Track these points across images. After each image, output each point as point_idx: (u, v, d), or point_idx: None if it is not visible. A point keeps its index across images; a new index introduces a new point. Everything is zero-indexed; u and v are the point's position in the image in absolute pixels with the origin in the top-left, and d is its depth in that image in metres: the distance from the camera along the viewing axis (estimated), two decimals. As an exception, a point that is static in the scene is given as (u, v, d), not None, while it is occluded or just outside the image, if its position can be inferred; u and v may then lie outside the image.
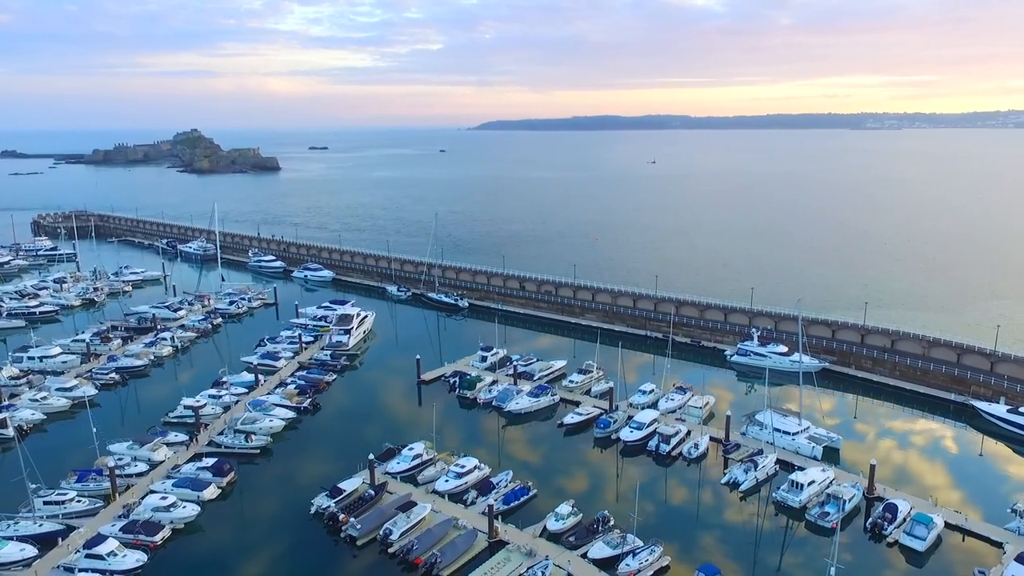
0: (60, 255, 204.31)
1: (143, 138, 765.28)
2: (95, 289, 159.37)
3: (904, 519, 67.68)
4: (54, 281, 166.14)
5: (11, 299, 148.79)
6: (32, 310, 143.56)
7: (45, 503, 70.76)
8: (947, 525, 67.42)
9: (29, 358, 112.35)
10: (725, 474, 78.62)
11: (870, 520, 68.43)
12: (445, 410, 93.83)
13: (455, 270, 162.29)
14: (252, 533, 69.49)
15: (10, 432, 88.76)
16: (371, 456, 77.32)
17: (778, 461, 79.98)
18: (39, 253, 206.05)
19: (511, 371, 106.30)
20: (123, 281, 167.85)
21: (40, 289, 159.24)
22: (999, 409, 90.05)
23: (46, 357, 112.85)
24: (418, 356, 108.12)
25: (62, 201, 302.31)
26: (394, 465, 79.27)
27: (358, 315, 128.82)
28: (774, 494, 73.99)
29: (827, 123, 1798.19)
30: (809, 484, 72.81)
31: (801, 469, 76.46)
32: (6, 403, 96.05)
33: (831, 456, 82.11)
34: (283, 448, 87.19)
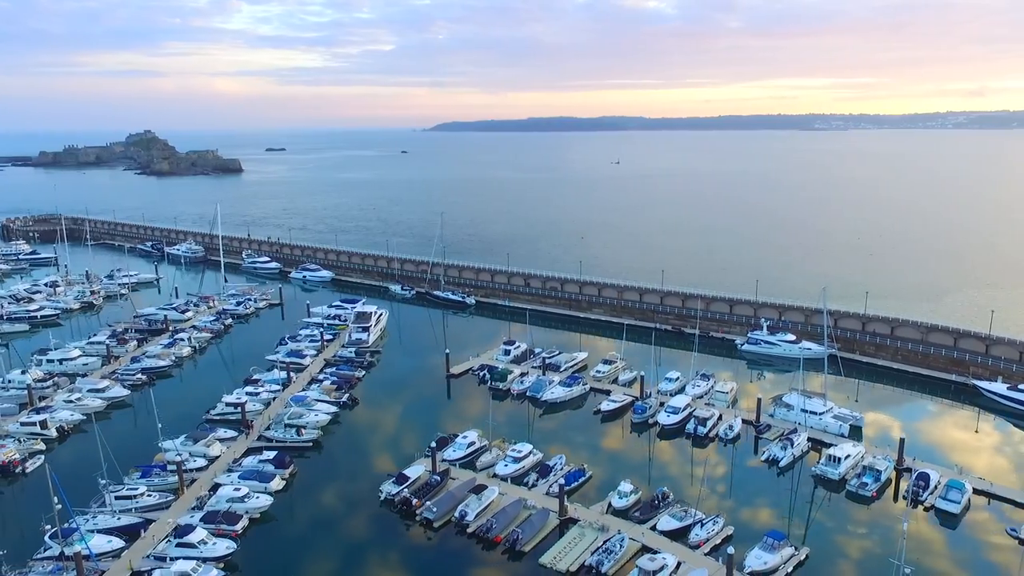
0: (42, 259, 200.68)
1: (87, 140, 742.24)
2: (92, 292, 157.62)
3: (936, 486, 73.71)
4: (46, 285, 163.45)
5: (9, 303, 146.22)
6: (33, 314, 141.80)
7: (117, 498, 71.86)
8: (975, 491, 73.65)
9: (49, 361, 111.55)
10: (763, 452, 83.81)
11: (906, 488, 74.20)
12: (480, 401, 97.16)
13: (458, 268, 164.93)
14: (327, 520, 71.79)
15: (52, 432, 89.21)
16: (432, 444, 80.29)
17: (809, 439, 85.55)
18: (20, 257, 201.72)
19: (538, 363, 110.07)
20: (119, 284, 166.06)
21: (34, 293, 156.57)
22: (999, 387, 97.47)
23: (66, 359, 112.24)
24: (447, 350, 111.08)
25: (21, 205, 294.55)
26: (450, 453, 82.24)
27: (375, 313, 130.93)
28: (813, 468, 79.35)
29: (777, 124, 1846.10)
30: (846, 458, 78.41)
31: (833, 445, 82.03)
32: (41, 404, 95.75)
33: (855, 434, 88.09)
34: (332, 441, 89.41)
